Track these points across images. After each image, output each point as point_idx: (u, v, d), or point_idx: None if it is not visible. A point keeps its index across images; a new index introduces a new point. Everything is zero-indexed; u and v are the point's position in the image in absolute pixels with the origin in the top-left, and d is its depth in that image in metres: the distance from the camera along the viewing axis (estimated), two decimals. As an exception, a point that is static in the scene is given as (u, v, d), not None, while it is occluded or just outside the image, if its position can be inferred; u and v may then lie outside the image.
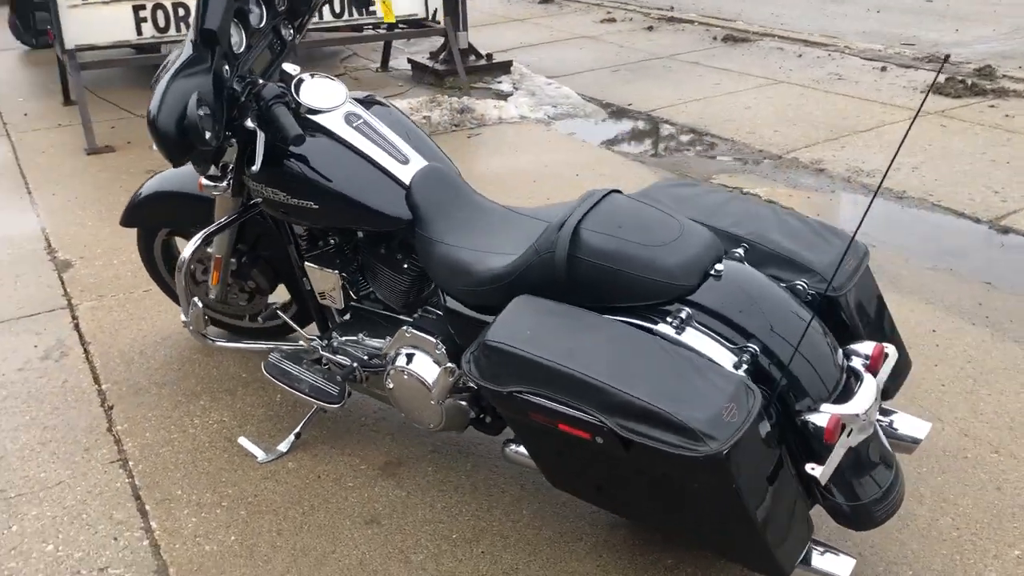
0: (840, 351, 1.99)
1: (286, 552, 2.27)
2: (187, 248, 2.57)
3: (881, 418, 2.19)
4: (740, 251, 2.10)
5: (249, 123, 2.26)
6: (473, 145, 5.44)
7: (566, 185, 4.69)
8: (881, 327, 2.16)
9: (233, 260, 2.83)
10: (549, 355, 1.83)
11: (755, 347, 1.88)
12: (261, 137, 2.25)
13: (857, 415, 1.85)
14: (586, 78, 6.91)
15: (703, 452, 1.65)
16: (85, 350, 3.20)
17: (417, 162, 2.38)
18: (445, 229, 2.27)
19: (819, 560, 1.86)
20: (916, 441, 2.15)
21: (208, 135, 2.19)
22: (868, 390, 1.89)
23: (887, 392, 2.16)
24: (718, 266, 1.98)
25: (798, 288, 2.04)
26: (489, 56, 7.09)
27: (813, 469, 1.80)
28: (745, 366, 1.87)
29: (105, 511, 2.42)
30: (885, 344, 2.06)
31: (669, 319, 1.92)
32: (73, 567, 2.24)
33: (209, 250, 2.81)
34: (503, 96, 6.49)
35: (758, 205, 2.26)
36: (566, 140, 5.56)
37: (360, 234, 2.47)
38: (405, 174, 2.34)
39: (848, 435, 1.87)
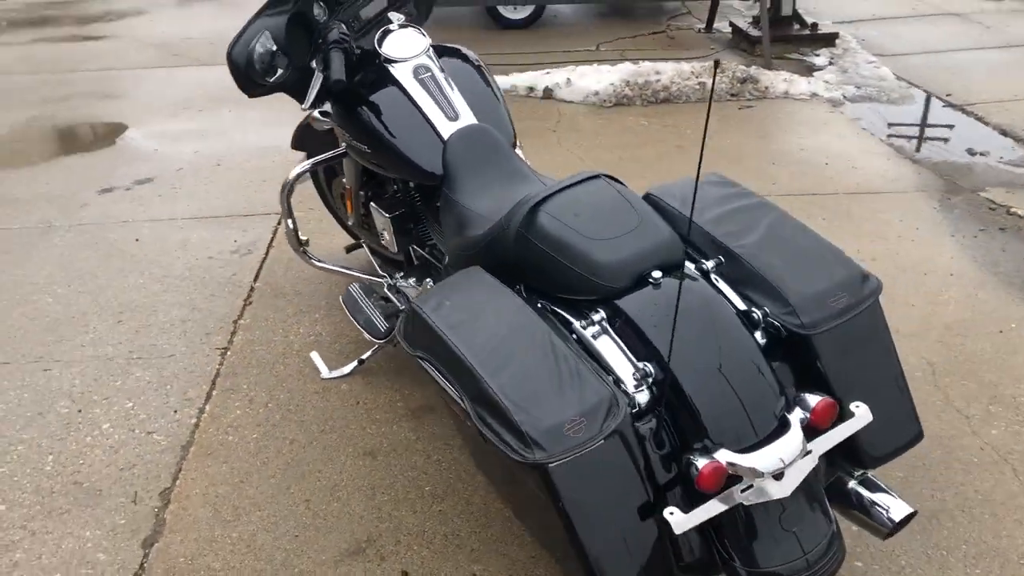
0: (783, 398, 1.71)
1: (284, 460, 2.48)
2: (291, 172, 2.84)
3: (862, 490, 1.85)
4: (711, 263, 1.87)
5: (314, 63, 2.43)
6: (736, 118, 5.15)
7: (804, 173, 4.31)
8: (872, 383, 1.79)
9: (362, 193, 3.05)
10: (446, 328, 1.80)
11: (652, 368, 1.69)
12: (317, 77, 2.40)
13: (756, 471, 1.59)
14: (918, 60, 6.15)
15: (529, 459, 1.55)
16: (267, 252, 3.65)
17: (466, 120, 2.39)
18: (463, 189, 2.27)
19: None
20: (890, 524, 1.78)
21: (279, 72, 2.40)
22: (783, 446, 1.62)
23: (864, 461, 1.82)
24: (655, 273, 1.79)
25: (753, 316, 1.78)
26: (813, 26, 6.58)
27: (672, 514, 1.59)
28: (644, 386, 1.69)
29: (184, 387, 2.81)
30: (856, 403, 1.73)
31: (585, 320, 1.79)
32: (132, 425, 2.65)
33: (344, 180, 3.06)
34: (812, 69, 6.03)
35: (781, 220, 1.96)
36: (844, 125, 5.04)
37: (411, 184, 2.55)
38: (449, 131, 2.37)
39: (743, 491, 1.62)
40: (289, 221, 2.87)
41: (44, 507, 2.34)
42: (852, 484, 1.86)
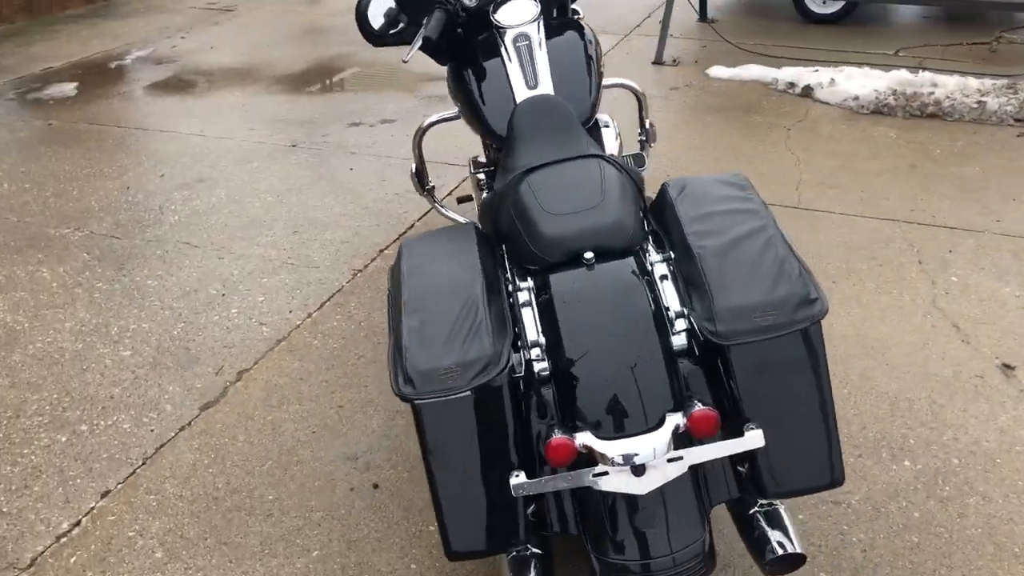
0: (672, 399, 1.68)
1: (344, 370, 2.79)
2: (425, 121, 3.10)
3: (761, 519, 1.75)
4: (659, 256, 1.86)
5: (424, 20, 2.65)
6: (1008, 145, 4.58)
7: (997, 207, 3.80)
8: (786, 411, 1.69)
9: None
10: (405, 269, 1.97)
11: (544, 341, 1.74)
12: (420, 33, 2.62)
13: (607, 457, 1.61)
14: None
15: (400, 392, 1.70)
16: (442, 199, 3.98)
17: (543, 89, 2.49)
18: (514, 152, 2.38)
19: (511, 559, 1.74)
20: (770, 557, 1.69)
21: (400, 26, 2.66)
22: (645, 442, 1.61)
23: (762, 489, 1.72)
24: (587, 255, 1.82)
25: (670, 315, 1.75)
26: None
27: (515, 476, 1.66)
28: (543, 358, 1.75)
29: (308, 295, 3.22)
30: (750, 426, 1.65)
31: (514, 286, 1.88)
32: (252, 315, 3.11)
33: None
34: None
35: (759, 230, 1.86)
36: None
37: (494, 145, 2.69)
38: (523, 97, 2.48)
39: (595, 475, 1.63)
40: (413, 165, 3.13)
41: (154, 361, 2.86)
42: (755, 510, 1.77)
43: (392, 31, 2.65)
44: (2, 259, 3.50)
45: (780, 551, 1.68)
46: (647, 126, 3.09)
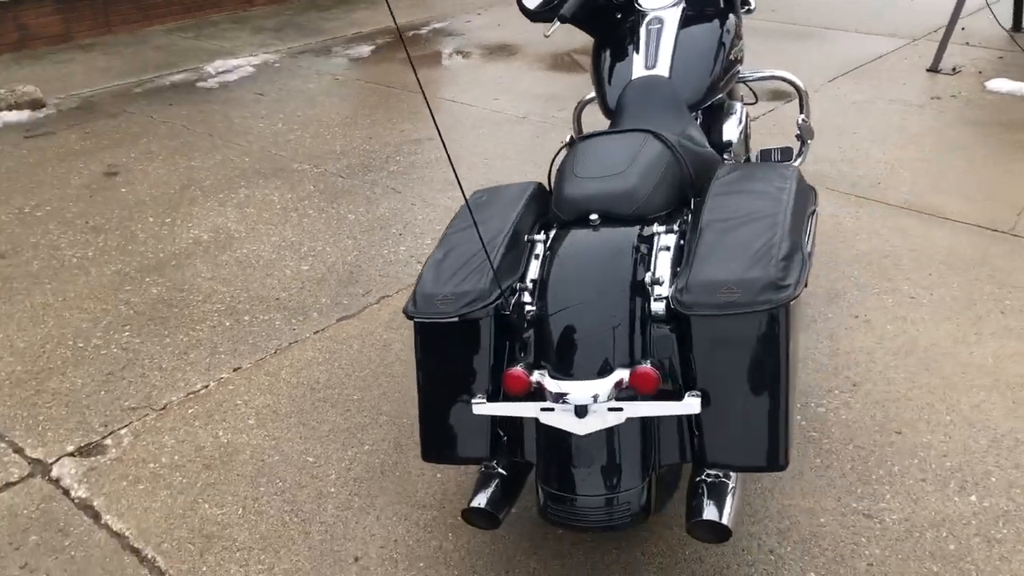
0: (629, 355, 1.80)
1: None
2: (585, 96, 3.29)
3: (704, 486, 1.81)
4: (663, 228, 1.95)
5: (572, -1, 2.84)
6: None
7: None
8: (736, 388, 1.73)
9: None
10: (460, 211, 2.24)
11: (530, 287, 1.92)
12: (559, 12, 2.81)
13: (552, 393, 1.77)
14: None
15: (406, 310, 1.99)
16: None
17: (660, 71, 2.60)
18: (611, 124, 2.54)
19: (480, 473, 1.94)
20: (692, 519, 1.76)
21: (539, 4, 2.89)
22: (587, 387, 1.75)
23: (700, 457, 1.79)
24: (592, 216, 1.96)
25: (644, 281, 1.85)
26: None
27: (479, 398, 1.85)
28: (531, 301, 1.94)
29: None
30: (693, 393, 1.73)
31: (529, 238, 2.06)
32: (414, 252, 3.50)
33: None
34: None
35: (767, 212, 1.88)
36: None
37: (620, 120, 2.83)
38: (638, 75, 2.61)
39: (543, 409, 1.79)
40: (569, 135, 3.32)
41: (321, 277, 3.35)
42: (701, 477, 1.82)
43: (547, 8, 2.87)
44: (250, 181, 4.21)
45: (700, 516, 1.73)
46: (800, 122, 3.05)
